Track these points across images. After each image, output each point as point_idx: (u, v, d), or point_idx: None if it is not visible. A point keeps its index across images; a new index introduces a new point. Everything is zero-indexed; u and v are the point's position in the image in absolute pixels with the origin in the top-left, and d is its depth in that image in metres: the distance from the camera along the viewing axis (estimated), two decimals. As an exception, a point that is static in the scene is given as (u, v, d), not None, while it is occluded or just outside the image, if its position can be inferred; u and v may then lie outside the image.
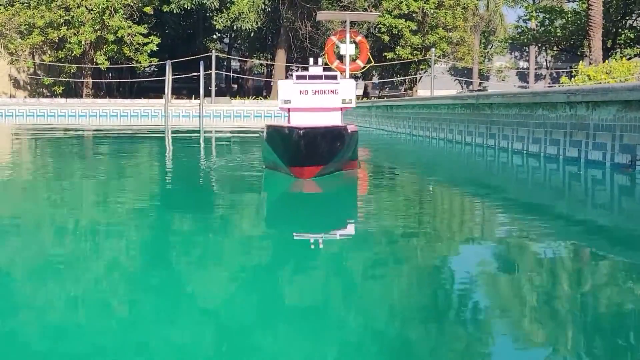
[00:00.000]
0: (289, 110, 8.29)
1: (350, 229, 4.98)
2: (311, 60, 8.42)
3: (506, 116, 11.43)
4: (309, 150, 7.16)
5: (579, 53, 39.65)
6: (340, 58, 30.85)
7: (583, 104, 8.99)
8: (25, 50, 38.02)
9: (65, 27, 35.28)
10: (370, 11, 36.63)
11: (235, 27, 36.76)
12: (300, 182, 7.23)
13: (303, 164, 7.31)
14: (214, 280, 3.40)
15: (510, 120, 11.27)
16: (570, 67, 32.61)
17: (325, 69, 8.57)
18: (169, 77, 31.84)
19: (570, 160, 9.28)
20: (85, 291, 3.12)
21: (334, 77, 8.28)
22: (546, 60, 58.60)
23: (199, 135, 20.27)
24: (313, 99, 8.17)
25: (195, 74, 33.51)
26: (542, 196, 6.83)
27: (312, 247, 4.20)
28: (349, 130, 7.77)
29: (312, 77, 8.18)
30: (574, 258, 4.01)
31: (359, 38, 32.38)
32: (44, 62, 37.62)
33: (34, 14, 35.23)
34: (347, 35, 31.09)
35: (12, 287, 3.22)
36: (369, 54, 33.28)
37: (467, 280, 3.39)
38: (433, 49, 35.43)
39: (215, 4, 35.25)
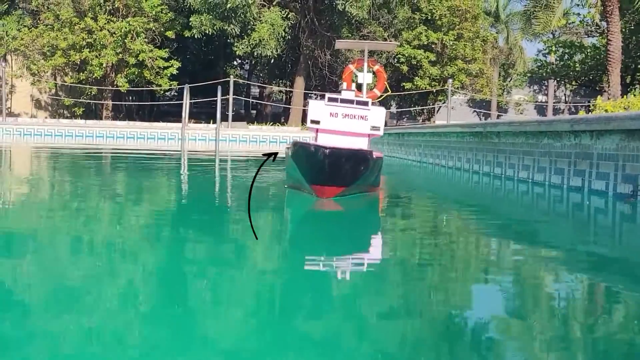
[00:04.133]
0: (317, 130, 8.29)
1: (369, 252, 5.01)
2: (344, 84, 8.44)
3: (513, 145, 11.38)
4: (333, 169, 7.16)
5: (597, 88, 39.56)
6: (359, 87, 31.01)
7: (587, 133, 8.93)
8: (47, 72, 38.57)
9: (88, 50, 35.75)
10: (390, 41, 36.81)
11: (255, 54, 36.99)
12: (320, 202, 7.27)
13: (325, 183, 7.33)
14: (231, 299, 3.43)
15: (517, 149, 11.22)
16: (589, 102, 32.48)
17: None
18: (186, 101, 32.13)
19: (574, 190, 9.19)
20: (96, 318, 3.09)
21: (365, 103, 8.29)
22: (565, 94, 58.30)
23: (214, 158, 20.38)
24: (342, 122, 8.16)
25: (214, 98, 33.77)
26: (547, 228, 6.77)
27: (329, 272, 4.15)
28: (374, 156, 7.72)
29: (344, 101, 8.20)
30: (577, 290, 4.00)
31: (376, 67, 32.39)
32: (66, 84, 38.11)
33: (57, 36, 35.74)
34: (365, 64, 31.26)
35: (30, 308, 3.22)
36: (386, 83, 33.31)
37: (486, 306, 3.38)
38: (450, 80, 35.46)
39: (236, 30, 35.56)
